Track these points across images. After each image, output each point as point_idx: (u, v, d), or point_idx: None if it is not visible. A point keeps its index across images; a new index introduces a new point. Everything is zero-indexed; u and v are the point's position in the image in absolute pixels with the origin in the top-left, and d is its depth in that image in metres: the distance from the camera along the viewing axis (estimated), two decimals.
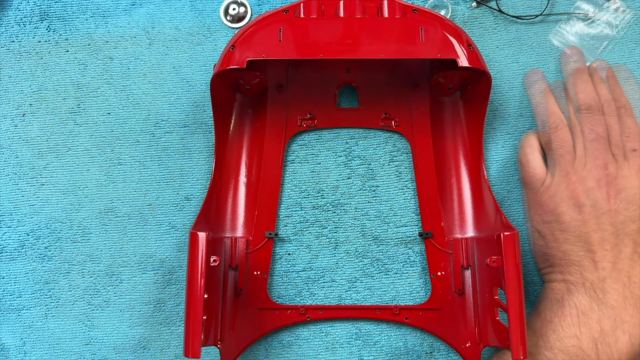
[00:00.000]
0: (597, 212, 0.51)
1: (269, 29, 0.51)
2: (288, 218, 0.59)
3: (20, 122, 0.61)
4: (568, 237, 0.52)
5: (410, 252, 0.59)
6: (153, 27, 0.62)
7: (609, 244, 0.51)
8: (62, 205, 0.59)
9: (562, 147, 0.54)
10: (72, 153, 0.60)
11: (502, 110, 0.60)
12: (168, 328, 0.58)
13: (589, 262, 0.51)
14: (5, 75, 0.61)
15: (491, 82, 0.53)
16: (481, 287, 0.54)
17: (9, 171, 0.60)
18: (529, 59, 0.61)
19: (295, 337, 0.58)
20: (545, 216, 0.53)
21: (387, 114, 0.60)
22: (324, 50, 0.50)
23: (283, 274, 0.59)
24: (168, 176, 0.60)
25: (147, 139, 0.60)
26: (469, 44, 0.51)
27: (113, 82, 0.61)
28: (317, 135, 0.61)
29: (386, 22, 0.51)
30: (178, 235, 0.59)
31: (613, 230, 0.51)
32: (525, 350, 0.46)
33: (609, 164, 0.52)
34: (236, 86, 0.59)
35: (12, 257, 0.59)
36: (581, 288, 0.51)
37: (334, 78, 0.60)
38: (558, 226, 0.52)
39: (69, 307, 0.58)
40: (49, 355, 0.58)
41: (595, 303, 0.50)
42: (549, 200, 0.53)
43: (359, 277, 0.59)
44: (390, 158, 0.60)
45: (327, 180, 0.60)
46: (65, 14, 0.62)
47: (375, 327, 0.58)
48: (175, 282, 0.59)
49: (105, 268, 0.59)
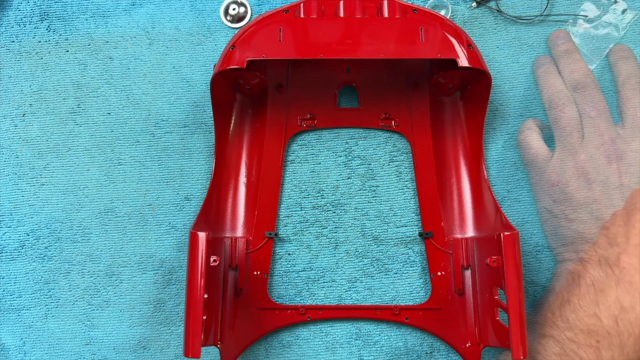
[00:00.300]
0: (608, 188, 0.51)
1: (269, 29, 0.51)
2: (288, 218, 0.59)
3: (20, 122, 0.61)
4: (581, 215, 0.52)
5: (410, 252, 0.59)
6: (153, 27, 0.62)
7: (622, 220, 0.51)
8: (62, 205, 0.59)
9: (570, 124, 0.54)
10: (72, 153, 0.60)
11: (502, 110, 0.60)
12: (168, 328, 0.58)
13: (602, 239, 0.51)
14: (5, 75, 0.61)
15: (491, 82, 0.53)
16: (481, 287, 0.54)
17: (9, 171, 0.60)
18: (529, 59, 0.61)
19: (295, 337, 0.58)
20: (555, 195, 0.53)
21: (387, 114, 0.60)
22: (324, 50, 0.50)
23: (283, 274, 0.59)
24: (168, 176, 0.60)
25: (147, 139, 0.60)
26: (469, 44, 0.51)
27: (113, 82, 0.61)
28: (317, 135, 0.61)
29: (386, 22, 0.51)
30: (178, 235, 0.59)
31: (626, 205, 0.51)
32: (525, 350, 0.46)
33: (616, 139, 0.52)
34: (236, 86, 0.59)
35: (12, 257, 0.59)
36: (597, 265, 0.50)
37: (334, 78, 0.60)
38: (569, 204, 0.52)
39: (69, 307, 0.58)
40: (49, 355, 0.58)
41: (612, 280, 0.49)
42: (557, 177, 0.53)
43: (359, 277, 0.59)
44: (390, 158, 0.60)
45: (327, 180, 0.60)
46: (65, 14, 0.62)
47: (375, 327, 0.58)
48: (175, 282, 0.59)
49: (105, 268, 0.59)
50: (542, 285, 0.57)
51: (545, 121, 0.58)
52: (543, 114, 0.60)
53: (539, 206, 0.56)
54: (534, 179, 0.56)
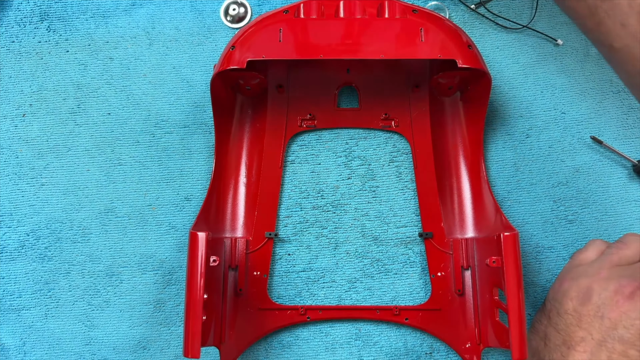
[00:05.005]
0: (598, 313, 0.49)
1: (269, 29, 0.51)
2: (288, 218, 0.59)
3: (20, 122, 0.61)
4: (558, 322, 0.50)
5: (410, 252, 0.59)
6: (153, 28, 0.62)
7: (589, 347, 0.48)
8: (62, 206, 0.59)
9: (620, 248, 0.52)
10: (72, 153, 0.60)
11: (502, 111, 0.60)
12: (168, 328, 0.58)
13: (560, 356, 0.49)
14: (5, 76, 0.61)
15: (491, 83, 0.53)
16: (481, 287, 0.54)
17: (9, 171, 0.60)
18: (529, 59, 0.61)
19: (295, 337, 0.58)
20: (556, 294, 0.52)
21: (387, 114, 0.60)
22: (324, 50, 0.50)
23: (283, 274, 0.59)
24: (168, 176, 0.60)
25: (147, 140, 0.60)
26: (468, 45, 0.51)
27: (113, 82, 0.61)
28: (317, 135, 0.61)
29: (386, 23, 0.51)
30: (178, 236, 0.59)
31: (600, 338, 0.48)
32: (525, 350, 0.46)
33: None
34: (236, 86, 0.59)
35: (12, 257, 0.59)
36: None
37: (334, 78, 0.60)
38: (558, 308, 0.51)
39: (69, 307, 0.58)
40: (48, 355, 0.58)
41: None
42: (569, 280, 0.52)
43: (359, 277, 0.59)
44: (390, 158, 0.60)
45: (327, 180, 0.60)
46: (65, 14, 0.62)
47: (375, 327, 0.58)
48: (175, 283, 0.59)
49: (105, 268, 0.59)
50: (542, 285, 0.57)
51: (543, 123, 0.58)
52: (543, 114, 0.60)
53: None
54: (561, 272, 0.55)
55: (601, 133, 0.60)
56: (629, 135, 0.60)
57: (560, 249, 0.58)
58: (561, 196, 0.59)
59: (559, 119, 0.60)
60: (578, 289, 0.51)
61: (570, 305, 0.50)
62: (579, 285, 0.51)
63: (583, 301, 0.50)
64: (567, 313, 0.50)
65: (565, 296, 0.51)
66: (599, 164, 0.59)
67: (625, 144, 0.60)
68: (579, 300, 0.50)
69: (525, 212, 0.59)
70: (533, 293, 0.57)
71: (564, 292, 0.52)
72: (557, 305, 0.52)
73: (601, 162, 0.59)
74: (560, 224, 0.59)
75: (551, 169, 0.59)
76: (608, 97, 0.60)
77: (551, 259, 0.58)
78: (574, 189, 0.59)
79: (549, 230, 0.59)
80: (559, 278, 0.53)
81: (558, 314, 0.51)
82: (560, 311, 0.51)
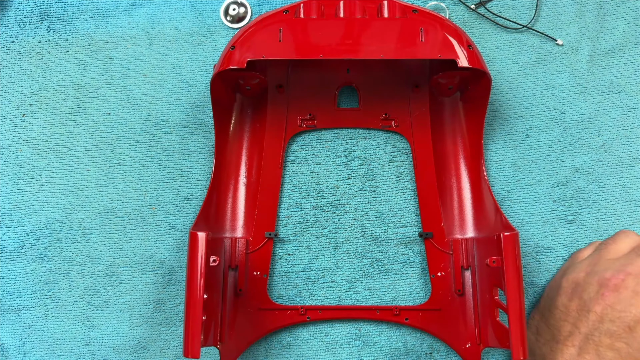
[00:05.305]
0: (585, 307, 0.49)
1: (269, 29, 0.51)
2: (288, 218, 0.59)
3: (20, 122, 0.61)
4: (549, 317, 0.52)
5: (410, 252, 0.59)
6: (153, 28, 0.62)
7: (577, 341, 0.49)
8: (62, 206, 0.59)
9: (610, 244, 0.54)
10: (72, 153, 0.60)
11: (502, 111, 0.60)
12: (168, 328, 0.58)
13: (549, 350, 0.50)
14: (5, 76, 0.61)
15: (491, 83, 0.53)
16: (481, 287, 0.54)
17: (9, 171, 0.60)
18: (529, 59, 0.61)
19: (295, 337, 0.58)
20: (550, 290, 0.54)
21: (387, 114, 0.60)
22: (324, 50, 0.50)
23: (283, 275, 0.59)
24: (168, 176, 0.60)
25: (147, 140, 0.60)
26: (468, 45, 0.51)
27: (113, 82, 0.61)
28: (317, 135, 0.61)
29: (386, 23, 0.51)
30: (178, 236, 0.59)
31: (587, 332, 0.49)
32: (526, 350, 0.46)
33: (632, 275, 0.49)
34: (236, 86, 0.59)
35: (12, 257, 0.59)
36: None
37: (334, 78, 0.60)
38: (550, 304, 0.53)
39: (69, 307, 0.58)
40: (48, 355, 0.58)
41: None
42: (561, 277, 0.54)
43: (359, 277, 0.59)
44: (390, 158, 0.60)
45: (327, 180, 0.60)
46: (65, 14, 0.62)
47: (375, 327, 0.58)
48: (175, 283, 0.59)
49: (105, 268, 0.59)
50: (542, 286, 0.57)
51: (543, 123, 0.58)
52: (543, 114, 0.60)
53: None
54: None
55: (601, 133, 0.60)
56: (629, 135, 0.60)
57: (560, 249, 0.58)
58: (561, 196, 0.59)
59: (559, 119, 0.60)
60: (567, 284, 0.52)
61: (560, 301, 0.51)
62: (568, 281, 0.52)
63: (571, 296, 0.51)
64: (556, 308, 0.51)
65: (555, 292, 0.52)
66: (599, 164, 0.59)
67: (625, 143, 0.60)
68: (567, 296, 0.51)
69: (525, 212, 0.59)
70: (533, 293, 0.57)
71: (555, 288, 0.53)
72: (548, 301, 0.53)
73: (601, 162, 0.59)
74: (560, 224, 0.59)
75: (551, 169, 0.59)
76: (608, 97, 0.60)
77: (551, 259, 0.58)
78: (574, 189, 0.59)
79: (548, 230, 0.59)
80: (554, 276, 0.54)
81: (549, 310, 0.52)
82: (551, 307, 0.52)
